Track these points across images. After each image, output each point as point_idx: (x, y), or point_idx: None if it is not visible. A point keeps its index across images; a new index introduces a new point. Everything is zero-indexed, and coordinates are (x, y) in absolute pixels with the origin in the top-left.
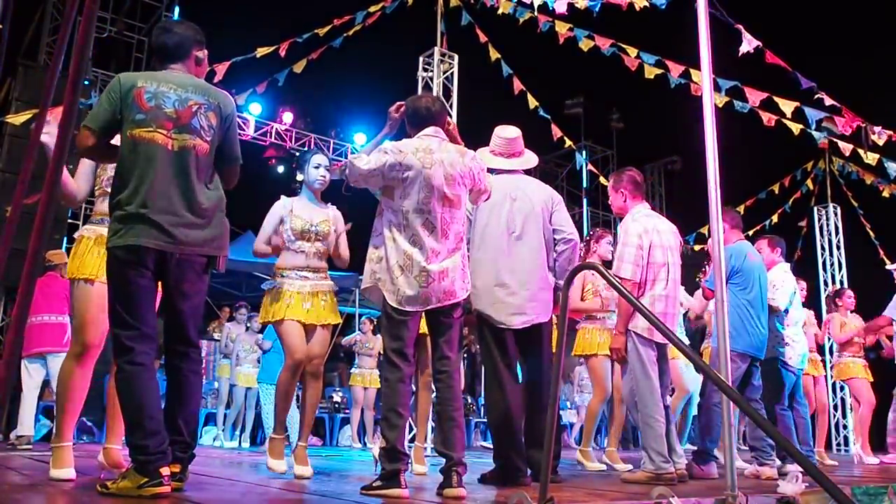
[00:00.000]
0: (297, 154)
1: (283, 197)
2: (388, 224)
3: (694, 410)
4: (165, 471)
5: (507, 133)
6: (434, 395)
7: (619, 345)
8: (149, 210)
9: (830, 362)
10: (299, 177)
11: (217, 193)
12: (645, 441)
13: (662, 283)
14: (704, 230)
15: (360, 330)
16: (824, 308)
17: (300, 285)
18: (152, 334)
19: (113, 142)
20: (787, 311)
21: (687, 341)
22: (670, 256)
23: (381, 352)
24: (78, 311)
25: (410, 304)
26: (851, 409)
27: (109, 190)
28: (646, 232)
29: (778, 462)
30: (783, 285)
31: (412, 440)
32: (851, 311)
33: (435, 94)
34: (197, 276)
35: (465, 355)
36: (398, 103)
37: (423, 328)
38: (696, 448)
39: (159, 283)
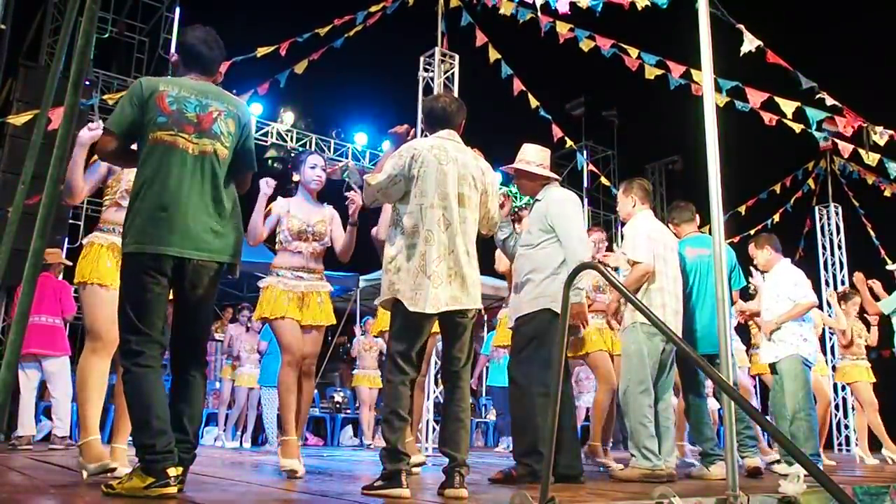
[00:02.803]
0: (293, 154)
1: (279, 198)
2: (404, 229)
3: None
4: (173, 471)
5: (539, 148)
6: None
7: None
8: (169, 214)
9: (832, 363)
10: (295, 177)
11: (234, 199)
12: (637, 440)
13: (663, 277)
14: (705, 230)
15: (361, 330)
16: (825, 308)
17: (294, 285)
18: (161, 340)
19: (133, 147)
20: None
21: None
22: (670, 254)
23: (385, 352)
24: (92, 313)
25: (428, 306)
26: (853, 409)
27: (120, 201)
28: (654, 229)
29: (771, 455)
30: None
31: None
32: (855, 315)
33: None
34: (211, 282)
35: None
36: (404, 126)
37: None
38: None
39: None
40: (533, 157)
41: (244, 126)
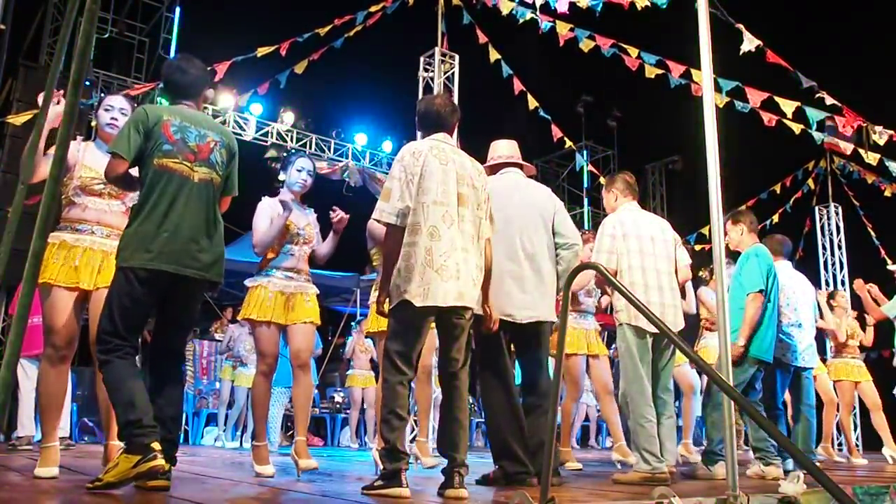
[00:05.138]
0: (285, 154)
1: (265, 198)
2: (409, 229)
3: (698, 410)
4: (157, 445)
5: (505, 141)
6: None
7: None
8: (170, 234)
9: (828, 362)
10: (281, 176)
11: (221, 223)
12: (637, 442)
13: (639, 271)
14: (705, 230)
15: (355, 329)
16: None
17: (284, 285)
18: (138, 346)
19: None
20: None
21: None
22: (649, 245)
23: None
24: (45, 316)
25: (437, 299)
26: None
27: (74, 198)
28: (620, 223)
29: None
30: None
31: (412, 439)
32: (847, 312)
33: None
34: (198, 297)
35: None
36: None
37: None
38: (703, 448)
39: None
40: (492, 152)
41: (233, 156)
